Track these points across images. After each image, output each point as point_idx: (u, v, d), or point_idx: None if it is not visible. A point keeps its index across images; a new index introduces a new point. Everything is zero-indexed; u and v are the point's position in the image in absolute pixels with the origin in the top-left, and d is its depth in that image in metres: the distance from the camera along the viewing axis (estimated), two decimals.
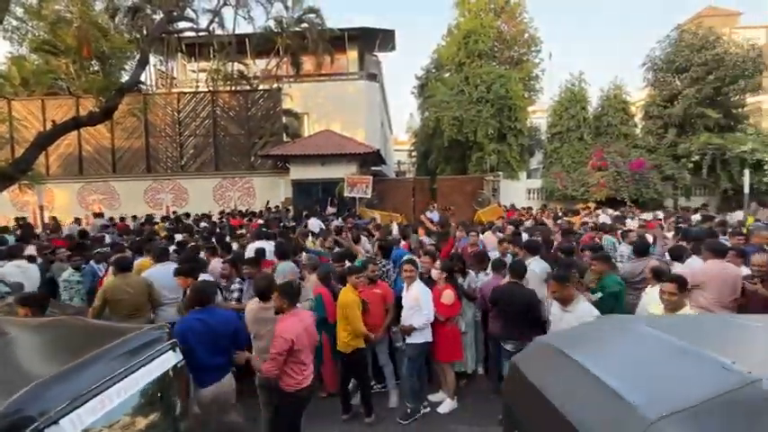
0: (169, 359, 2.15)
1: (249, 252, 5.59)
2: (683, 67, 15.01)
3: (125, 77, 12.70)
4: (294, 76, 17.96)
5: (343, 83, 18.79)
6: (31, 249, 5.93)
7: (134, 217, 12.58)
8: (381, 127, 21.79)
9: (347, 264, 4.79)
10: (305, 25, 17.12)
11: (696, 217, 8.93)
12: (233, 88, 17.23)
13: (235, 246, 6.38)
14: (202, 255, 5.40)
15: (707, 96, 14.38)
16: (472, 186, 15.71)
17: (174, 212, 13.50)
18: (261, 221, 9.99)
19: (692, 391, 1.38)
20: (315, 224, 9.10)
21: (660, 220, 9.06)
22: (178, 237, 7.17)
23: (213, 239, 6.63)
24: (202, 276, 4.27)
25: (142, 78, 14.22)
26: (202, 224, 10.02)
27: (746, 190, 12.57)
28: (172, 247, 5.83)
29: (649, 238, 6.25)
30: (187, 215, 12.36)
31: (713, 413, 1.27)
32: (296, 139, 16.54)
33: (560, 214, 11.04)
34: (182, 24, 15.52)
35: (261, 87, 17.18)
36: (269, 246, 5.67)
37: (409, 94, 23.47)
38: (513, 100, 15.93)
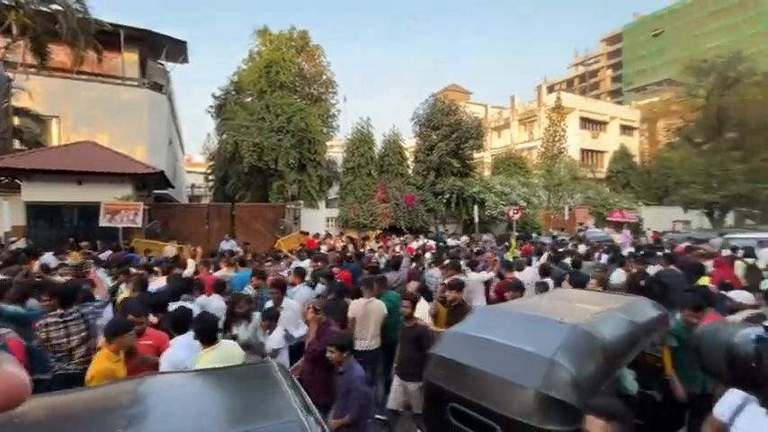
0: None
1: None
2: (437, 126, 19.59)
3: None
4: (37, 67, 13.83)
5: (117, 88, 15.74)
6: None
7: None
8: (170, 145, 19.17)
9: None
10: (57, 7, 13.57)
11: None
12: None
13: None
14: None
15: (452, 149, 19.17)
16: (274, 214, 15.61)
17: None
18: None
19: (556, 337, 2.24)
20: (49, 260, 7.02)
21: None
22: None
23: None
24: None
25: None
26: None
27: (476, 220, 17.23)
28: None
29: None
30: None
31: (569, 345, 2.17)
32: (37, 148, 12.59)
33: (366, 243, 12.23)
34: None
35: None
36: None
37: (206, 112, 21.61)
38: (313, 133, 16.98)
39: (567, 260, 7.37)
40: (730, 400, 2.03)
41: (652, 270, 6.37)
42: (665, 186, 26.97)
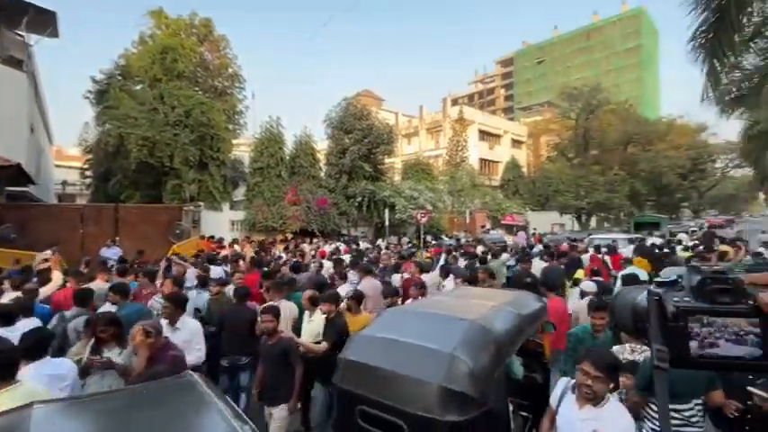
0: None
1: None
2: (349, 129, 19.72)
3: None
4: None
5: None
6: None
7: None
8: (32, 133, 15.94)
9: None
10: None
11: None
12: None
13: None
14: None
15: (364, 154, 19.48)
16: (168, 217, 14.04)
17: None
18: None
19: (455, 333, 2.33)
20: None
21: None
22: None
23: None
24: None
25: None
26: None
27: (387, 223, 17.73)
28: None
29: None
30: None
31: (467, 340, 2.28)
32: None
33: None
34: None
35: None
36: None
37: (83, 98, 18.40)
38: (216, 129, 15.73)
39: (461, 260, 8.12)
40: (557, 389, 2.43)
41: (539, 265, 7.44)
42: (546, 194, 31.12)
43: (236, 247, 11.66)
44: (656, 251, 9.02)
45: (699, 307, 0.51)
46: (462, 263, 8.29)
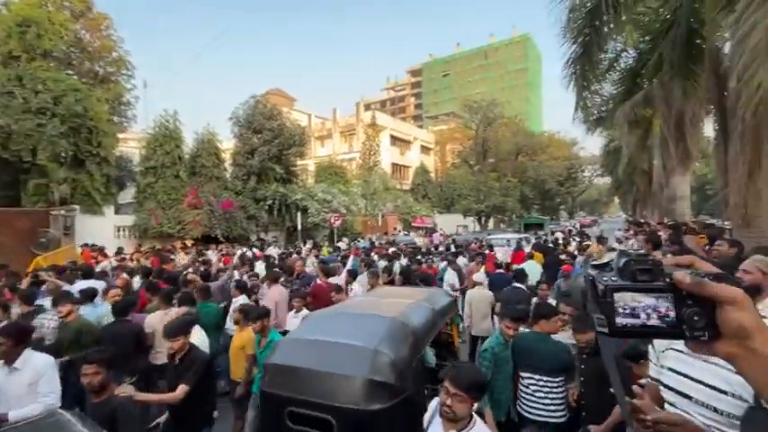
0: None
1: None
2: (258, 129, 18.72)
3: None
4: None
5: None
6: None
7: None
8: None
9: None
10: None
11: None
12: None
13: None
14: None
15: (274, 155, 18.66)
16: (30, 223, 11.77)
17: None
18: None
19: (378, 330, 2.46)
20: None
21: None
22: None
23: None
24: None
25: None
26: None
27: (299, 227, 17.25)
28: None
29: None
30: None
31: (389, 335, 2.41)
32: None
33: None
34: None
35: None
36: None
37: None
38: (95, 121, 13.59)
39: (404, 260, 8.45)
40: (428, 411, 2.30)
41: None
42: (451, 197, 33.55)
43: (126, 256, 10.20)
44: (549, 247, 10.71)
45: (622, 285, 0.60)
46: (382, 264, 8.50)
